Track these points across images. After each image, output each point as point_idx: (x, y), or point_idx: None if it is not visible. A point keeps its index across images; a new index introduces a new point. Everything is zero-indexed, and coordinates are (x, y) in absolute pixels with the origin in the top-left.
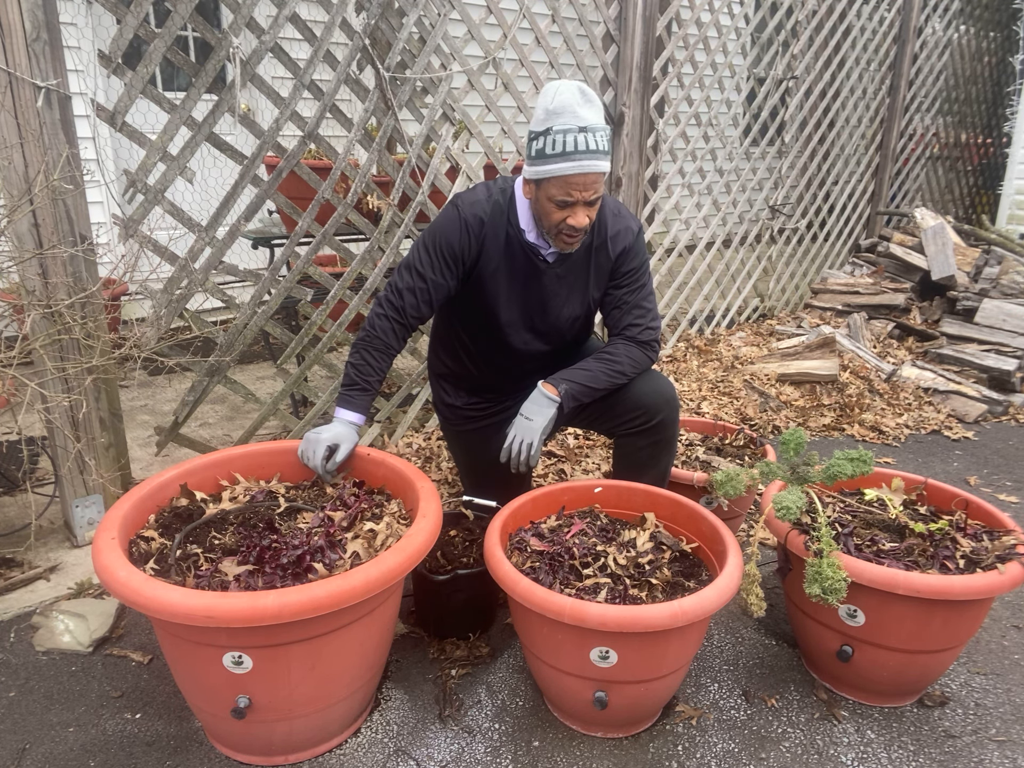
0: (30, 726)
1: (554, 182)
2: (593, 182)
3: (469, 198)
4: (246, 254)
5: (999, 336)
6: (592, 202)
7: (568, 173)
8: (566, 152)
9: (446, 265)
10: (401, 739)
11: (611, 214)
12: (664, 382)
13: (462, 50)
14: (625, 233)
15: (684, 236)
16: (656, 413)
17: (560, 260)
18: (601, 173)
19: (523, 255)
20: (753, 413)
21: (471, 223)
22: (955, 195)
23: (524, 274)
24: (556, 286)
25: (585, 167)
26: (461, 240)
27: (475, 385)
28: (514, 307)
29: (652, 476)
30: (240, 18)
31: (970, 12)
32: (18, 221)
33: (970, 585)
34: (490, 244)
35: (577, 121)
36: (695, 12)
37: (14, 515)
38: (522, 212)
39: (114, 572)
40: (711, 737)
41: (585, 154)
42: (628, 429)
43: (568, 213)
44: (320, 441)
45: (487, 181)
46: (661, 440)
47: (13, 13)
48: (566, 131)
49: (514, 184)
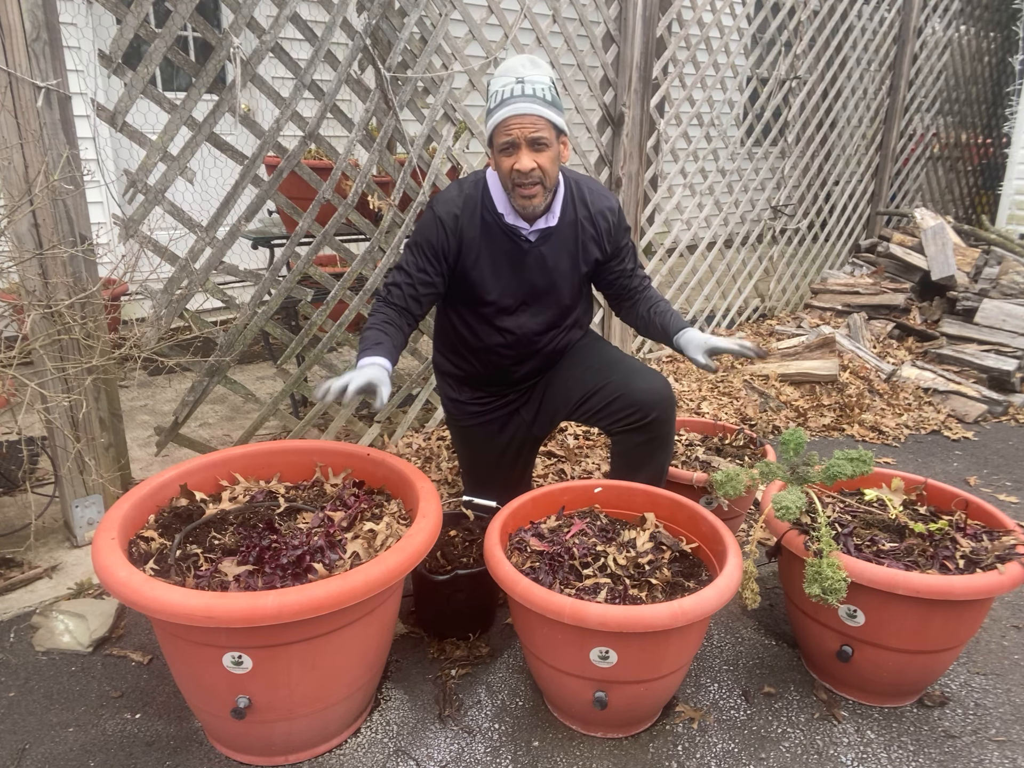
0: (30, 726)
1: (497, 131)
2: (532, 123)
3: (442, 197)
4: (246, 254)
5: (999, 336)
6: (536, 145)
7: (505, 116)
8: (503, 100)
9: (428, 262)
10: (401, 739)
11: (589, 191)
12: (659, 379)
13: (463, 50)
14: (610, 212)
15: (685, 236)
16: (651, 410)
17: (543, 238)
18: (539, 116)
19: (504, 238)
20: (753, 413)
21: (446, 220)
22: (955, 195)
23: (509, 257)
24: (543, 265)
25: (519, 109)
26: (439, 237)
27: (478, 379)
28: (504, 291)
29: (648, 474)
30: (241, 18)
31: (970, 12)
32: (18, 221)
33: (970, 585)
34: (468, 235)
35: (516, 75)
36: (697, 12)
37: (14, 515)
38: (498, 198)
39: (114, 572)
40: (711, 737)
41: (520, 98)
42: (623, 426)
43: (514, 159)
44: (342, 377)
45: (460, 179)
46: (656, 437)
47: (13, 13)
48: (504, 85)
49: (485, 174)
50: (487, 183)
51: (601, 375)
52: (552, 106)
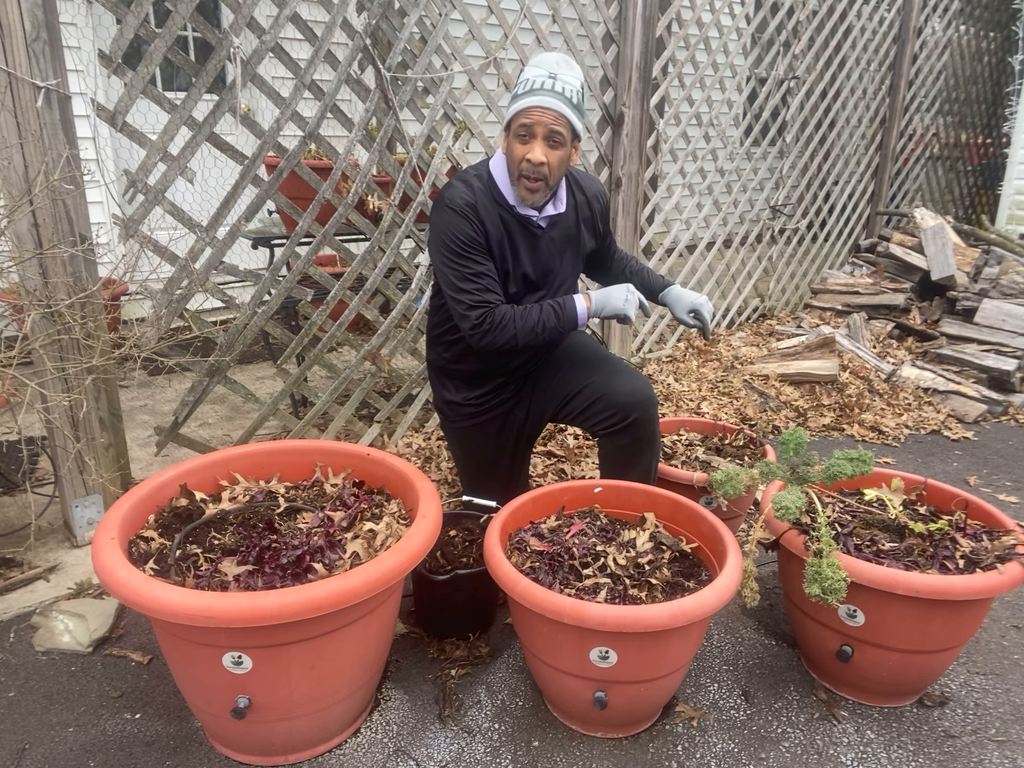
0: (30, 726)
1: (518, 116)
2: (553, 117)
3: (451, 193)
4: (246, 254)
5: (999, 336)
6: (552, 141)
7: (529, 104)
8: (532, 89)
9: (481, 254)
10: (401, 739)
11: (579, 176)
12: (640, 381)
13: (463, 50)
14: (601, 195)
15: (685, 236)
16: (630, 412)
17: (552, 224)
18: (561, 114)
19: (519, 226)
20: (753, 413)
21: (468, 211)
22: (955, 195)
23: (525, 244)
24: (553, 248)
25: (545, 102)
26: (473, 227)
27: (475, 374)
28: (519, 277)
29: (636, 475)
30: (241, 18)
31: (970, 12)
32: (18, 221)
33: (970, 585)
34: (488, 223)
35: (550, 70)
36: (696, 12)
37: (14, 515)
38: (504, 189)
39: (114, 572)
40: (711, 737)
41: (549, 92)
42: (605, 429)
43: (528, 148)
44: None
45: (458, 174)
46: (640, 438)
47: (13, 13)
48: (537, 76)
49: (488, 166)
50: (492, 175)
51: (584, 374)
52: (576, 109)
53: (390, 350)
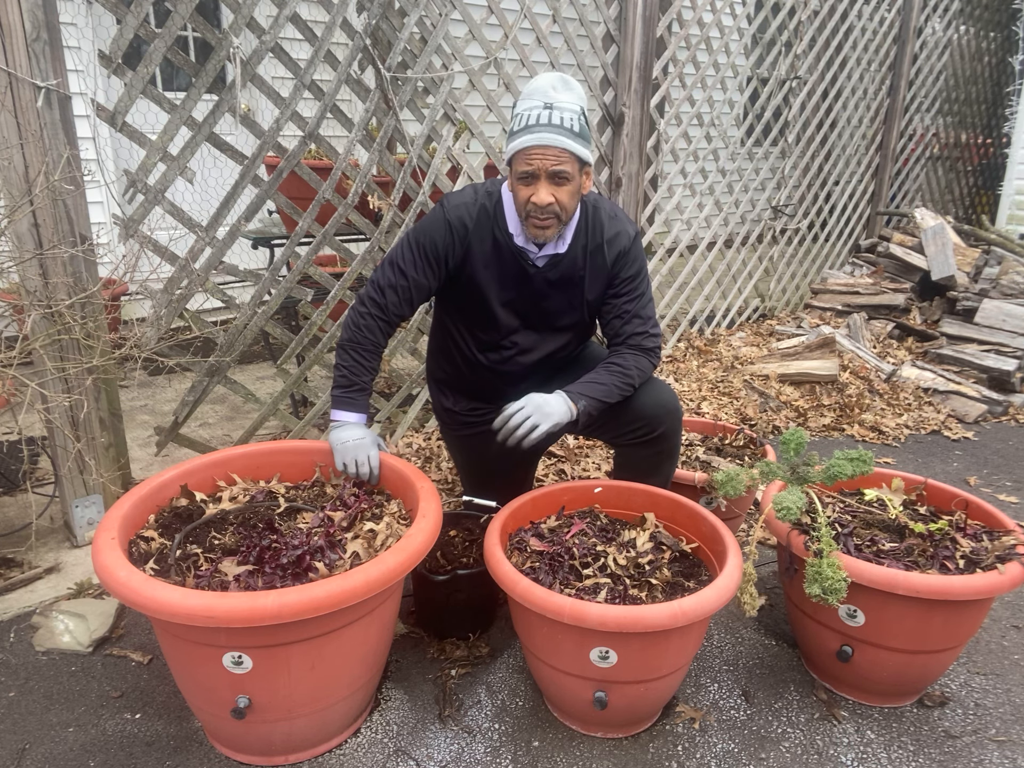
0: (30, 726)
1: (517, 157)
2: (555, 156)
3: (455, 200)
4: (246, 254)
5: (999, 336)
6: (557, 179)
7: (527, 145)
8: (528, 126)
9: (428, 265)
10: (401, 739)
11: (607, 216)
12: (666, 392)
13: (463, 50)
14: (622, 237)
15: (685, 236)
16: (659, 424)
17: (551, 264)
18: (563, 149)
19: (512, 259)
20: (753, 413)
21: (455, 226)
22: (955, 195)
23: (514, 279)
24: (548, 290)
25: (544, 139)
26: (445, 240)
27: (474, 390)
28: (508, 310)
29: (654, 484)
30: (240, 18)
31: (970, 12)
32: (18, 221)
33: (970, 585)
34: (476, 248)
35: (545, 99)
36: (697, 12)
37: (14, 515)
38: (510, 217)
39: (114, 572)
40: (711, 737)
41: (546, 127)
42: (630, 440)
43: (532, 191)
44: (363, 447)
45: (476, 183)
46: (664, 451)
47: (13, 13)
48: (531, 108)
49: (501, 187)
50: (502, 197)
51: None
52: (579, 137)
53: (390, 350)
